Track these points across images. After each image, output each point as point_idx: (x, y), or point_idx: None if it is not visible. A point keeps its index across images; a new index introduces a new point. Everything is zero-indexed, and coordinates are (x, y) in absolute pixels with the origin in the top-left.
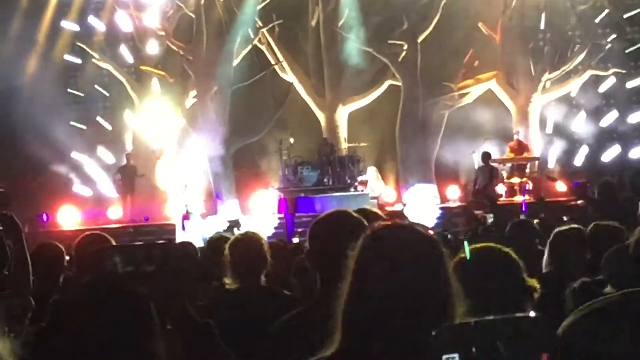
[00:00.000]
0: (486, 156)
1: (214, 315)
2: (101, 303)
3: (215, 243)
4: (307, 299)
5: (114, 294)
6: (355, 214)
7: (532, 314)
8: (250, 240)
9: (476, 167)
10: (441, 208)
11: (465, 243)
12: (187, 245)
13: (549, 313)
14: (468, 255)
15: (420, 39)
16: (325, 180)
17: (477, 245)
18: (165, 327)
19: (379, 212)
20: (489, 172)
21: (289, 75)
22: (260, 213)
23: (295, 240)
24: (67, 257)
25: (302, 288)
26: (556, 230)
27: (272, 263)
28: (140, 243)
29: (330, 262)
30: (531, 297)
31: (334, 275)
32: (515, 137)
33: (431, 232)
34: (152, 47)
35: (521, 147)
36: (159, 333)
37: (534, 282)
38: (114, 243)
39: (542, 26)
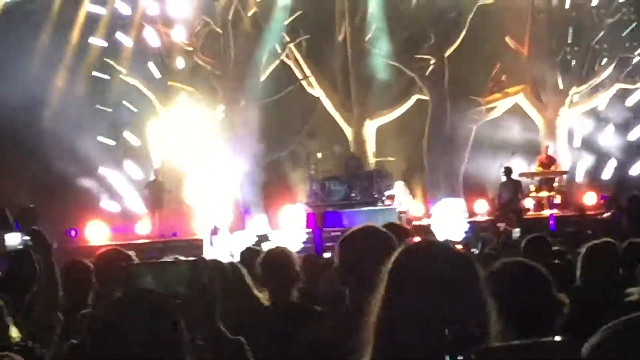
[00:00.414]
0: (508, 171)
1: (245, 331)
2: (132, 320)
3: (248, 253)
4: (336, 313)
5: (145, 311)
6: (383, 229)
7: (557, 338)
8: (281, 255)
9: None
10: (469, 222)
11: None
12: (217, 261)
13: (578, 327)
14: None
15: (447, 53)
16: (352, 194)
17: (508, 260)
18: (196, 344)
19: (407, 227)
20: (513, 186)
21: (316, 90)
22: (289, 228)
23: (327, 255)
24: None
25: (332, 303)
26: (589, 244)
27: (304, 279)
28: (169, 260)
29: (359, 278)
30: (561, 312)
31: (364, 290)
32: (545, 150)
33: (459, 247)
34: (180, 63)
35: (550, 161)
36: (190, 350)
37: (563, 297)
38: (134, 257)
39: (569, 40)
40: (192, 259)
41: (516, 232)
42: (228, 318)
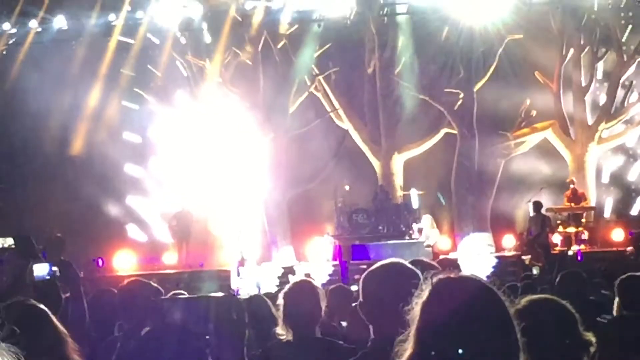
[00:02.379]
0: (537, 205)
1: None
2: (160, 355)
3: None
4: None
5: (173, 346)
6: (409, 265)
7: None
8: (305, 289)
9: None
10: (496, 257)
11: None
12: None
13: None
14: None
15: (476, 88)
16: (380, 227)
17: (534, 297)
18: None
19: (434, 263)
20: (541, 221)
21: (344, 123)
22: (315, 260)
23: (354, 288)
24: None
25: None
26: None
27: (327, 311)
28: (200, 295)
29: (383, 313)
30: (587, 351)
31: (388, 325)
32: (571, 186)
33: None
34: (209, 93)
35: (577, 196)
36: None
37: (590, 336)
38: (157, 286)
39: (599, 76)
40: (221, 294)
41: (535, 269)
42: (254, 352)
